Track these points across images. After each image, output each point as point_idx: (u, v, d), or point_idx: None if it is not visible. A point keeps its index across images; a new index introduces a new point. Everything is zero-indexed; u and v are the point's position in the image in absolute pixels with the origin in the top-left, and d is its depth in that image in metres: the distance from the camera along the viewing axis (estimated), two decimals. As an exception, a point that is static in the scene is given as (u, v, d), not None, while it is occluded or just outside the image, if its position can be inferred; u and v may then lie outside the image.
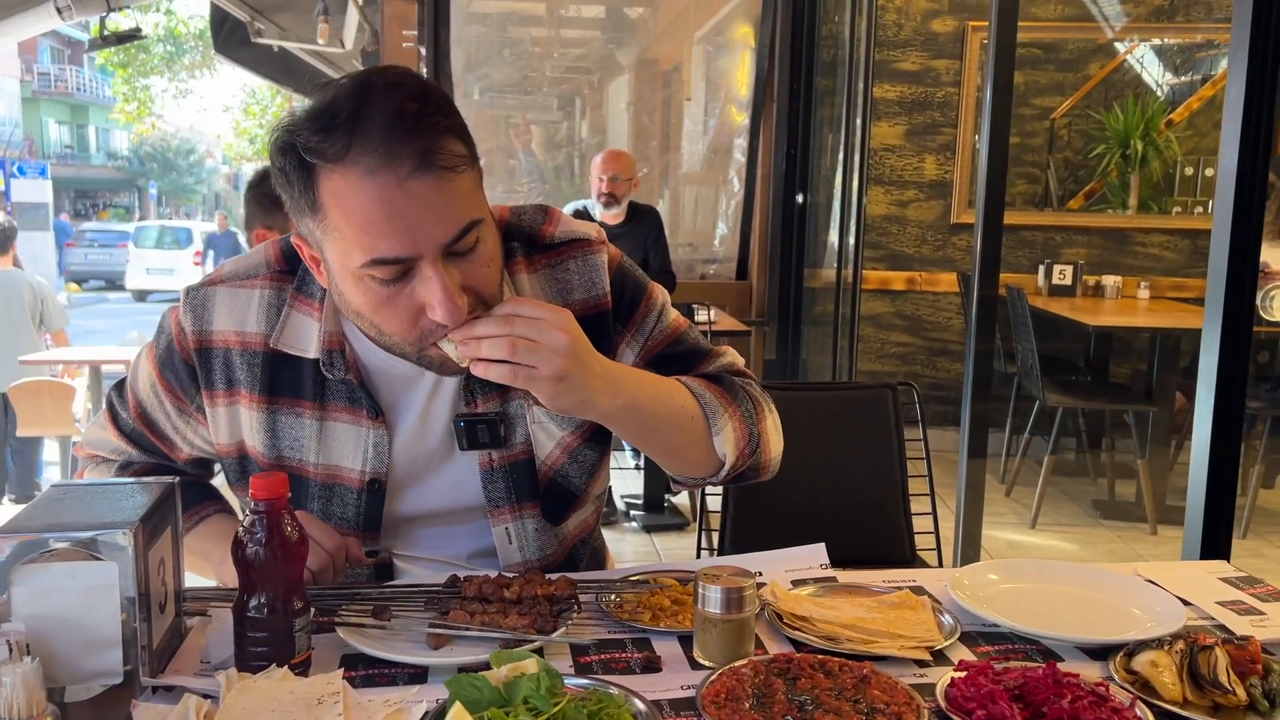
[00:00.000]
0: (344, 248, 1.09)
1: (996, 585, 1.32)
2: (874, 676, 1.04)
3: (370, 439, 1.29)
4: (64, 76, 31.45)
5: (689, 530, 4.34)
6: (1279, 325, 3.70)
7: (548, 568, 1.37)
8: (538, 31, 6.24)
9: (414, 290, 1.10)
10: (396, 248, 1.06)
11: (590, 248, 1.33)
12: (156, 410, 1.35)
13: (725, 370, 1.37)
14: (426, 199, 1.05)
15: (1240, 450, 2.03)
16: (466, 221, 1.09)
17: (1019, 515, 4.56)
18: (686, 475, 1.33)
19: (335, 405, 1.29)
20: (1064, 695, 0.99)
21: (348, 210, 1.06)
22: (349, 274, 1.11)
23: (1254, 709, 1.02)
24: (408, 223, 1.05)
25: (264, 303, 1.28)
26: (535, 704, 0.92)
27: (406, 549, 1.36)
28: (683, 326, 1.39)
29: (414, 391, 1.30)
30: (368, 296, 1.11)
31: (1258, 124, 1.91)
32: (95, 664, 0.98)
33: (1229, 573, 1.41)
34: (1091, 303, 5.25)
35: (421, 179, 1.05)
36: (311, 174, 1.08)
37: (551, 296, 1.30)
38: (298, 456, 1.30)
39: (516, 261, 1.31)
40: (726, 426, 1.27)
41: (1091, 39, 5.55)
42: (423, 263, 1.08)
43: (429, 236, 1.07)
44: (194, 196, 35.99)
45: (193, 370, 1.30)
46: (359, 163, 1.04)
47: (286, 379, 1.28)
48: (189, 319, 1.29)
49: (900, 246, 5.60)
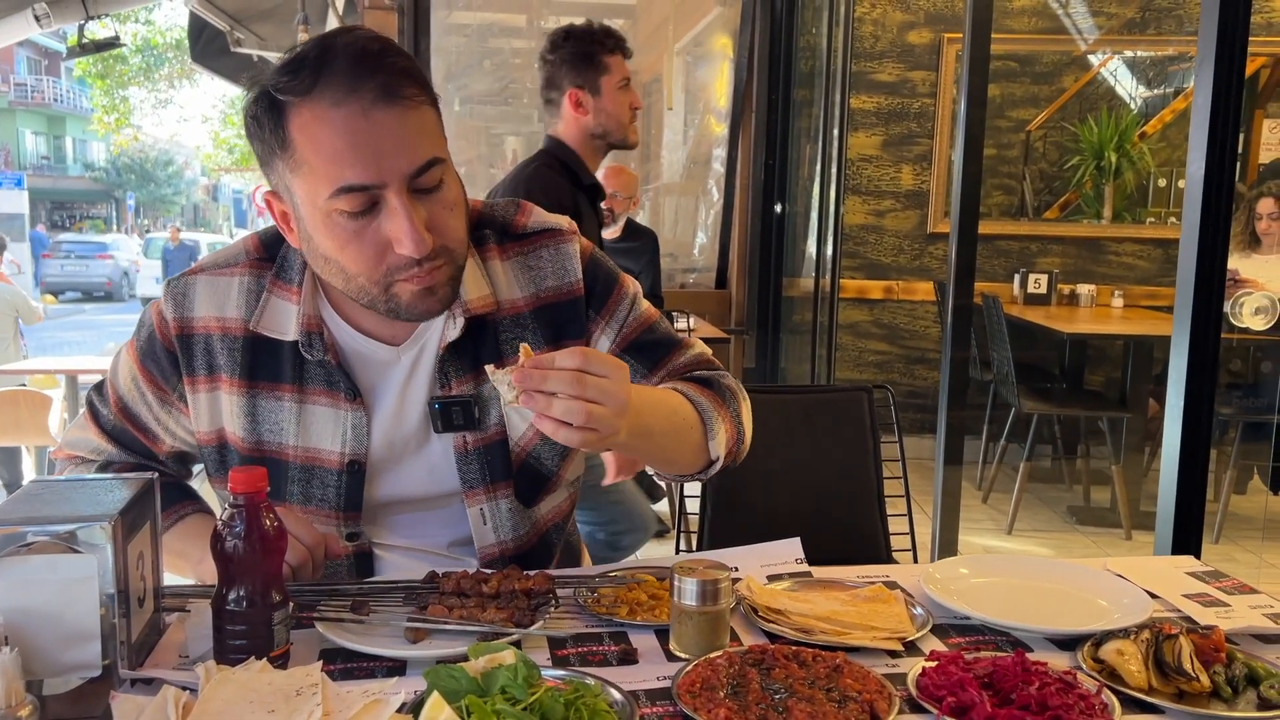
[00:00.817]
0: (312, 182, 1.13)
1: (968, 579, 1.34)
2: (847, 666, 1.06)
3: (349, 420, 1.30)
4: (41, 87, 31.27)
5: (670, 538, 4.35)
6: (1250, 333, 3.75)
7: (521, 550, 1.38)
8: (518, 42, 6.26)
9: (380, 226, 1.14)
10: (362, 175, 1.11)
11: (562, 237, 1.37)
12: (138, 403, 1.36)
13: (699, 361, 1.41)
14: (389, 128, 1.11)
15: (1209, 453, 2.06)
16: (430, 156, 1.14)
17: (996, 521, 4.60)
18: (675, 474, 1.36)
19: (314, 388, 1.30)
20: (1032, 682, 1.01)
21: (315, 141, 1.11)
22: (318, 213, 1.15)
23: (1217, 695, 1.04)
24: (372, 150, 1.11)
25: (243, 289, 1.31)
26: (512, 693, 0.93)
27: (385, 537, 1.37)
28: (655, 316, 1.42)
29: (390, 375, 1.32)
30: (335, 235, 1.15)
31: (1224, 132, 1.95)
32: (74, 657, 0.98)
33: (1196, 567, 1.44)
34: (1066, 311, 5.31)
35: (384, 109, 1.11)
36: (281, 113, 1.13)
37: (524, 283, 1.34)
38: (277, 440, 1.31)
39: (489, 248, 1.34)
40: (720, 430, 1.31)
41: (1066, 51, 5.63)
42: (388, 193, 1.12)
43: (393, 165, 1.12)
44: (172, 208, 35.80)
45: (174, 357, 1.32)
46: (324, 95, 1.10)
47: (266, 363, 1.30)
48: (170, 307, 1.31)
49: (877, 256, 5.65)
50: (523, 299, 1.35)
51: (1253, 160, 5.56)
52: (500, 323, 1.33)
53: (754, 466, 2.01)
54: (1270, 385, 4.28)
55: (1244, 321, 3.55)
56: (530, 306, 1.35)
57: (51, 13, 3.95)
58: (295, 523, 1.24)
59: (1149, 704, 1.02)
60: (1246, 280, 3.90)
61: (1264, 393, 4.34)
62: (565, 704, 0.93)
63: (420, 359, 1.32)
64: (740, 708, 0.97)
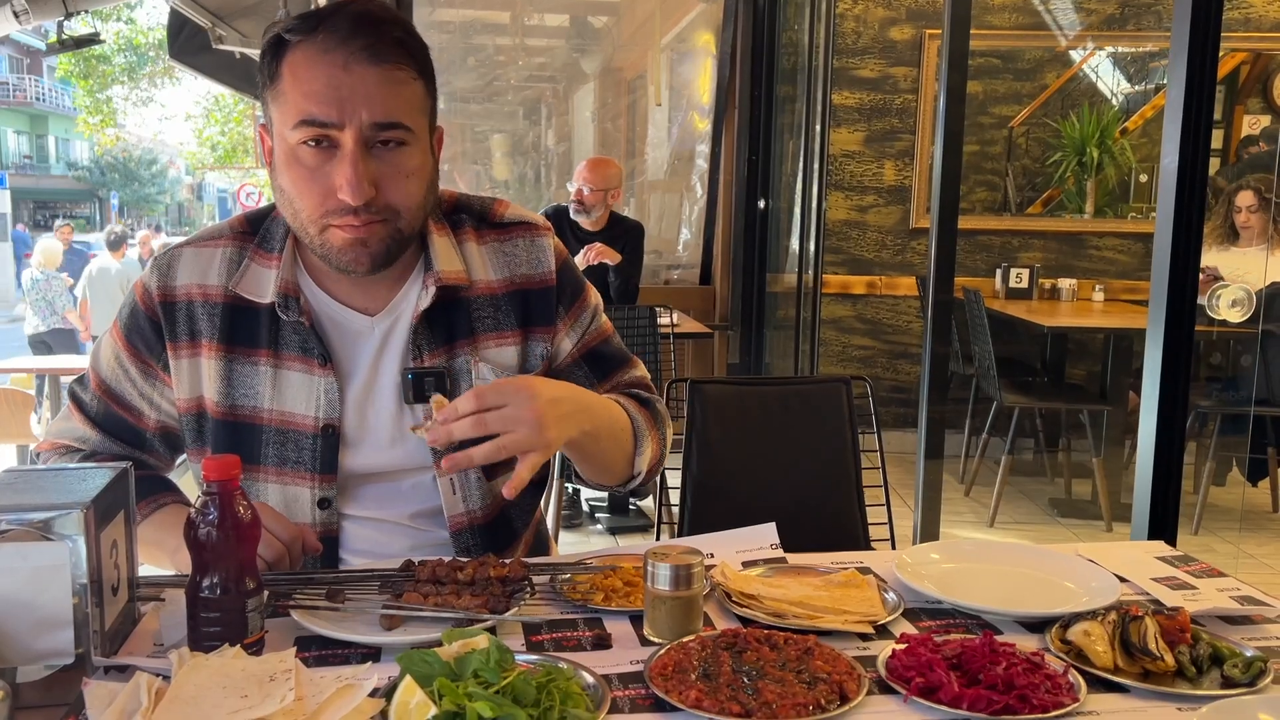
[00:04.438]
0: (284, 111, 1.22)
1: (939, 564, 1.35)
2: (817, 649, 1.07)
3: (321, 386, 1.33)
4: (23, 86, 31.04)
5: (653, 532, 4.36)
6: (1228, 325, 3.78)
7: (490, 519, 1.42)
8: (502, 40, 6.26)
9: (331, 170, 1.21)
10: (324, 112, 1.19)
11: (538, 231, 1.42)
12: (121, 381, 1.39)
13: (640, 382, 1.51)
14: (363, 82, 1.19)
15: (1184, 443, 2.08)
16: (395, 118, 1.21)
17: (978, 514, 4.62)
18: (600, 482, 1.44)
19: (289, 354, 1.34)
20: (999, 663, 1.02)
21: (297, 77, 1.21)
22: (285, 144, 1.23)
23: (1182, 675, 1.06)
24: (341, 94, 1.19)
25: (225, 259, 1.36)
26: (485, 677, 0.94)
27: (352, 508, 1.39)
28: (611, 330, 1.51)
29: (363, 346, 1.36)
30: (293, 169, 1.23)
31: (1197, 122, 1.97)
32: (46, 644, 0.99)
33: (1166, 552, 1.46)
34: (1047, 305, 5.34)
35: (365, 65, 1.19)
36: (281, 50, 1.22)
37: (498, 267, 1.39)
38: (252, 404, 1.34)
39: (465, 230, 1.40)
40: (648, 449, 1.41)
41: (1048, 47, 5.66)
42: (344, 135, 1.20)
43: (354, 111, 1.19)
44: (156, 207, 35.57)
45: (157, 325, 1.35)
46: (318, 42, 1.20)
47: (243, 328, 1.34)
48: (154, 278, 1.36)
49: (860, 251, 5.67)
50: (497, 281, 1.39)
51: (1232, 155, 5.61)
52: (474, 300, 1.38)
53: (734, 457, 2.03)
54: (1248, 378, 4.31)
55: (1221, 314, 3.59)
56: (504, 290, 1.39)
57: (31, 9, 3.93)
58: (271, 517, 1.24)
59: (1115, 683, 1.04)
60: (1223, 278, 3.93)
61: (1242, 385, 4.38)
62: (537, 687, 0.94)
63: (394, 330, 1.36)
64: (711, 689, 0.98)
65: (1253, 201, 4.39)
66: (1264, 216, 4.40)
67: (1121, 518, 4.32)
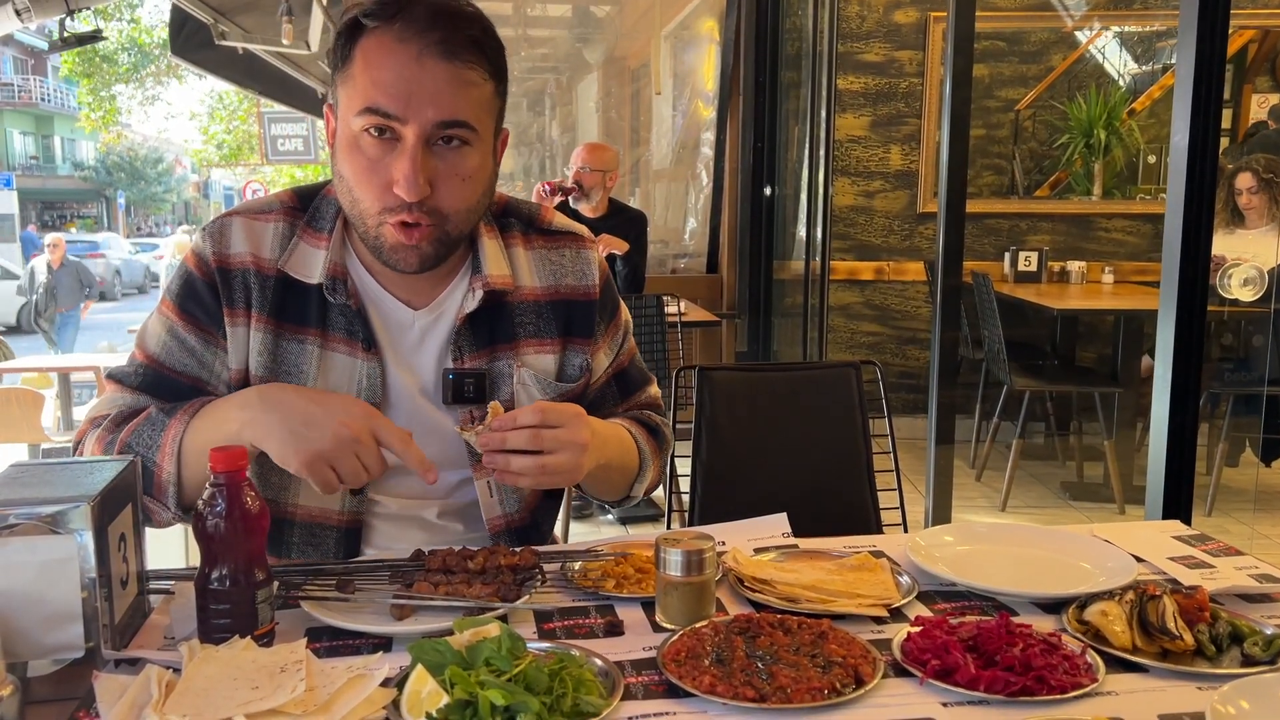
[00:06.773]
0: (351, 96, 1.21)
1: (952, 546, 1.34)
2: (832, 633, 1.06)
3: (364, 370, 1.33)
4: (28, 87, 31.10)
5: (664, 521, 4.36)
6: (1240, 305, 3.75)
7: (523, 523, 1.43)
8: (504, 30, 6.19)
9: (391, 163, 1.20)
10: (390, 103, 1.18)
11: (585, 243, 1.45)
12: (177, 353, 1.33)
13: (653, 402, 1.55)
14: (433, 78, 1.19)
15: (1198, 422, 2.06)
16: (460, 117, 1.21)
17: (989, 499, 4.61)
18: (596, 495, 1.47)
19: (335, 335, 1.33)
20: (1016, 644, 1.01)
21: (369, 63, 1.20)
22: (348, 129, 1.22)
23: (1201, 654, 1.05)
24: (409, 88, 1.18)
25: (277, 233, 1.34)
26: (497, 665, 0.93)
27: (383, 495, 1.38)
28: (635, 350, 1.55)
29: (404, 337, 1.36)
30: (355, 157, 1.22)
31: (1207, 99, 1.95)
32: (56, 638, 0.98)
33: (1183, 531, 1.44)
34: (1057, 288, 5.31)
35: (437, 61, 1.18)
36: (356, 33, 1.22)
37: (544, 274, 1.40)
38: (295, 382, 1.32)
39: (513, 235, 1.41)
40: (649, 476, 1.46)
41: (1053, 28, 5.62)
42: (406, 130, 1.19)
43: (420, 108, 1.18)
44: (163, 206, 35.66)
45: (215, 290, 1.32)
46: (394, 30, 1.19)
47: (293, 305, 1.33)
48: (208, 245, 1.33)
49: (868, 237, 5.64)
50: (541, 289, 1.40)
51: (1241, 134, 5.56)
52: (517, 306, 1.38)
53: (744, 445, 2.01)
54: (1260, 358, 4.28)
55: (1233, 293, 3.56)
56: (548, 297, 1.40)
57: (32, 7, 3.92)
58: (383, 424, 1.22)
59: (1133, 663, 1.03)
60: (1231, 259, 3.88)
61: (1254, 365, 4.35)
62: (550, 674, 0.93)
63: (435, 326, 1.35)
64: (725, 674, 0.97)
65: (1252, 183, 4.34)
66: (1265, 197, 4.35)
67: (1134, 500, 4.30)
